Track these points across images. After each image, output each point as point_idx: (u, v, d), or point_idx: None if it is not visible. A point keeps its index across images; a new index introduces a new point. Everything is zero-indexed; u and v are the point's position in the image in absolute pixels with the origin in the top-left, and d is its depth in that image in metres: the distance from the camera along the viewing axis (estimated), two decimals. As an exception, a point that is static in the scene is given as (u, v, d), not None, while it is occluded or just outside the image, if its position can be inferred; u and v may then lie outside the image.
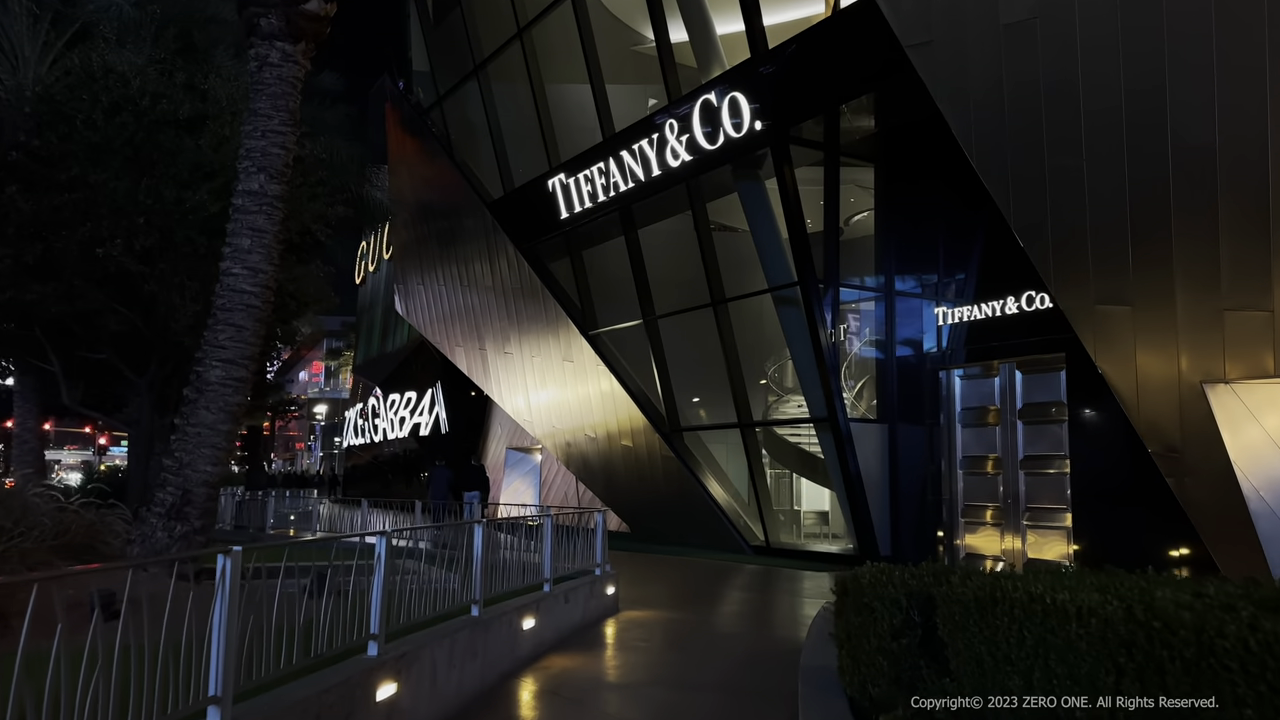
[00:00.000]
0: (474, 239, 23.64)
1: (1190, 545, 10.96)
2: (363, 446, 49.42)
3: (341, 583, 5.44)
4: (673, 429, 18.56)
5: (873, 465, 15.03)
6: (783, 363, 20.79)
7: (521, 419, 24.05)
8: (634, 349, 19.96)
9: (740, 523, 17.58)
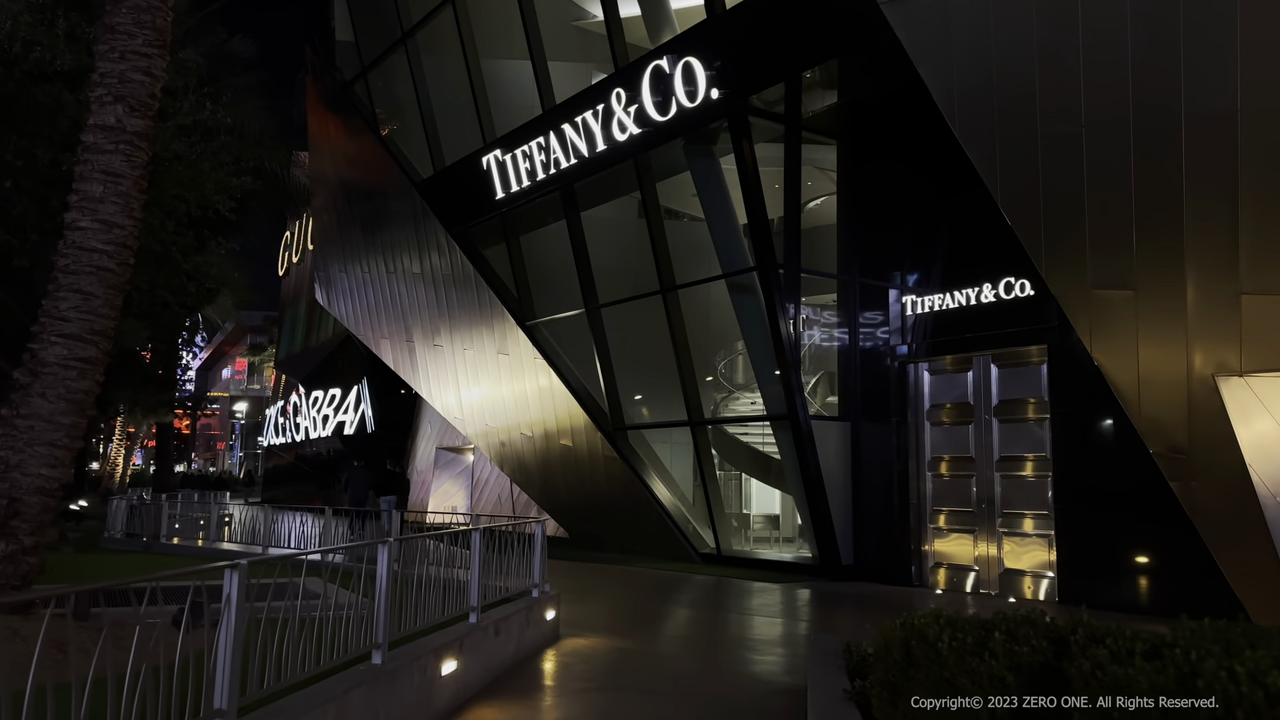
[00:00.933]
0: (401, 223, 21.91)
1: (1191, 553, 9.92)
2: (284, 446, 46.96)
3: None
4: (616, 427, 17.16)
5: (834, 466, 13.83)
6: (733, 357, 19.56)
7: (452, 417, 22.39)
8: (575, 341, 18.50)
9: (689, 529, 16.25)
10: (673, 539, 16.21)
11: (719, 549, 15.55)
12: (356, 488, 21.55)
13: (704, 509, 16.02)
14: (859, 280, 14.27)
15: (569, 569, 14.65)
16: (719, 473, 16.56)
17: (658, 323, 16.08)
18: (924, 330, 13.31)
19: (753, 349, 14.61)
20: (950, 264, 13.07)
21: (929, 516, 13.31)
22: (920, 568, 13.28)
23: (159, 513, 17.34)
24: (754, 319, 14.37)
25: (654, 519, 16.50)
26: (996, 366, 12.67)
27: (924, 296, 13.24)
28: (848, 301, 14.42)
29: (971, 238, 12.89)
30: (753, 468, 17.21)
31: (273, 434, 49.97)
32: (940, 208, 13.23)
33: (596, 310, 17.20)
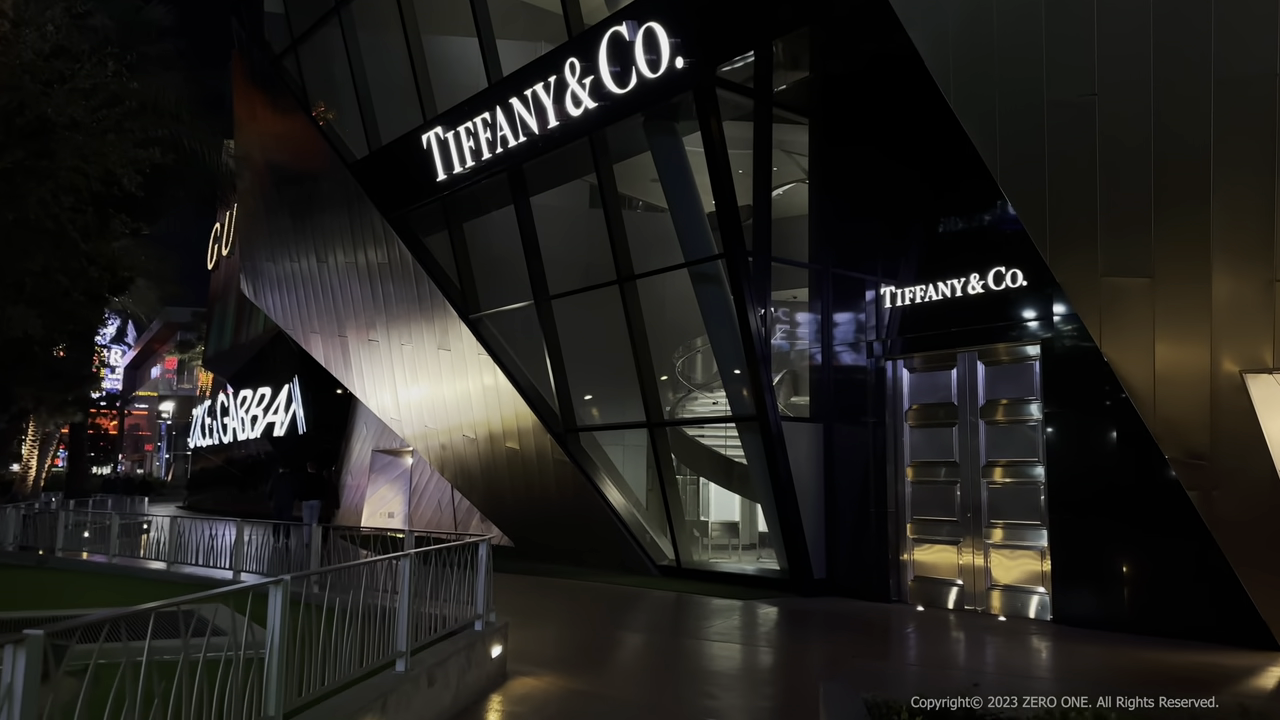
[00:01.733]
0: (333, 208, 20.33)
1: (1205, 569, 9.00)
2: (211, 448, 44.68)
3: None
4: (567, 429, 15.87)
5: (806, 472, 12.73)
6: (691, 355, 18.43)
7: (388, 418, 20.87)
8: (523, 336, 17.18)
9: (646, 539, 15.03)
10: (628, 550, 14.98)
11: (678, 561, 14.36)
12: (281, 495, 20.47)
13: (662, 517, 14.84)
14: (833, 271, 13.20)
15: (516, 584, 13.34)
16: (678, 478, 15.38)
17: (613, 317, 14.87)
18: (904, 325, 12.28)
19: (718, 344, 13.45)
20: (933, 253, 12.06)
21: (908, 526, 12.28)
22: (899, 581, 12.25)
23: (54, 522, 15.54)
24: (720, 312, 13.21)
25: (608, 528, 15.25)
26: (983, 364, 11.68)
27: (904, 288, 12.21)
28: (820, 294, 13.34)
29: (957, 224, 11.90)
30: (715, 473, 16.08)
31: (200, 435, 47.57)
32: (922, 192, 12.22)
33: (546, 302, 15.90)
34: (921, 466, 12.25)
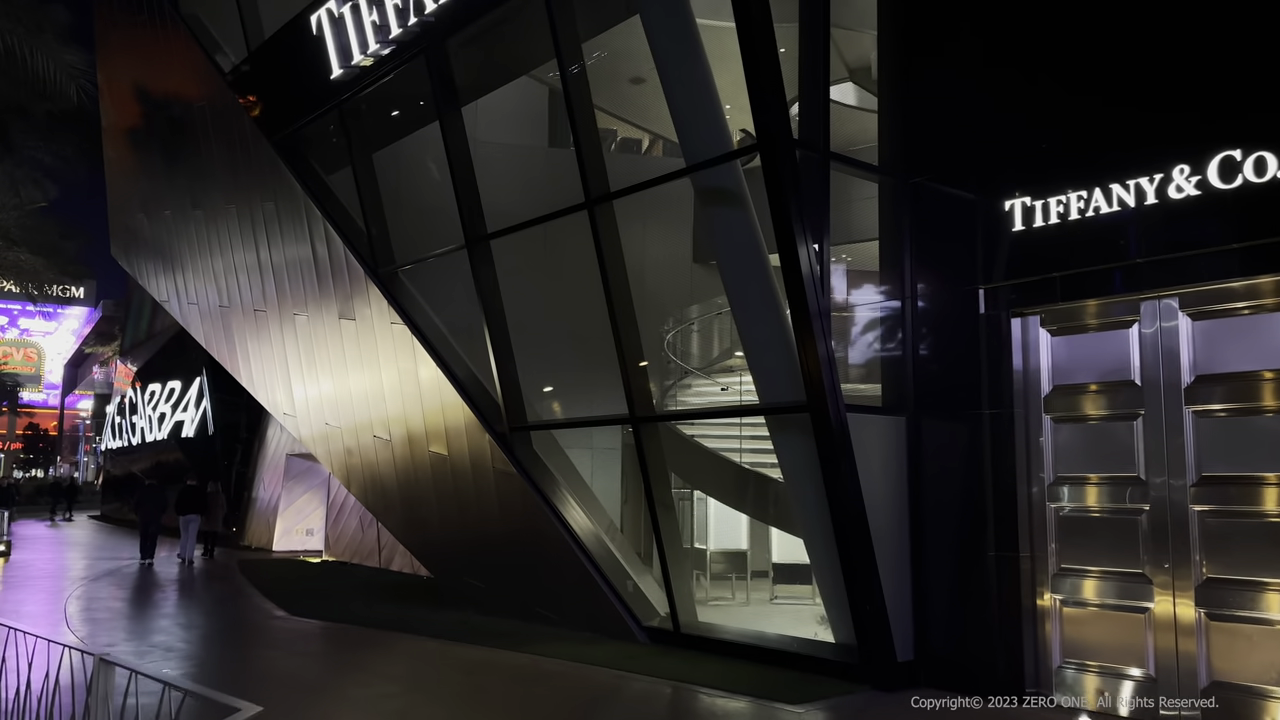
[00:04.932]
0: (209, 136, 15.40)
1: None
2: (121, 450, 39.29)
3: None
4: (513, 426, 11.13)
5: (880, 491, 8.10)
6: (686, 327, 13.79)
7: (280, 413, 15.97)
8: (452, 298, 12.44)
9: (626, 586, 10.29)
10: (600, 603, 10.25)
11: (676, 622, 9.62)
12: (147, 509, 19.11)
13: (653, 556, 10.15)
14: (918, 183, 8.55)
15: (422, 656, 8.64)
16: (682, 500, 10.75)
17: (579, 262, 10.21)
18: (1039, 259, 7.68)
19: (742, 297, 8.73)
20: (1095, 134, 7.45)
21: (1052, 578, 7.68)
22: (1037, 666, 7.63)
23: None
24: (745, 245, 8.52)
25: (570, 569, 10.52)
26: (1191, 317, 7.09)
27: (1042, 199, 7.60)
28: (896, 220, 8.69)
29: (1142, 81, 7.30)
30: (728, 491, 11.40)
31: (110, 436, 42.11)
32: (1069, 40, 7.64)
33: (483, 246, 11.14)
34: (1075, 484, 7.64)
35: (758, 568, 13.69)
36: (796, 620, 11.92)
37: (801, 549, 13.61)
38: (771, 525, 11.72)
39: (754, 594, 13.18)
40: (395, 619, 11.72)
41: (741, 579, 13.38)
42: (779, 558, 13.50)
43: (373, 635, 10.76)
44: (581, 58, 9.99)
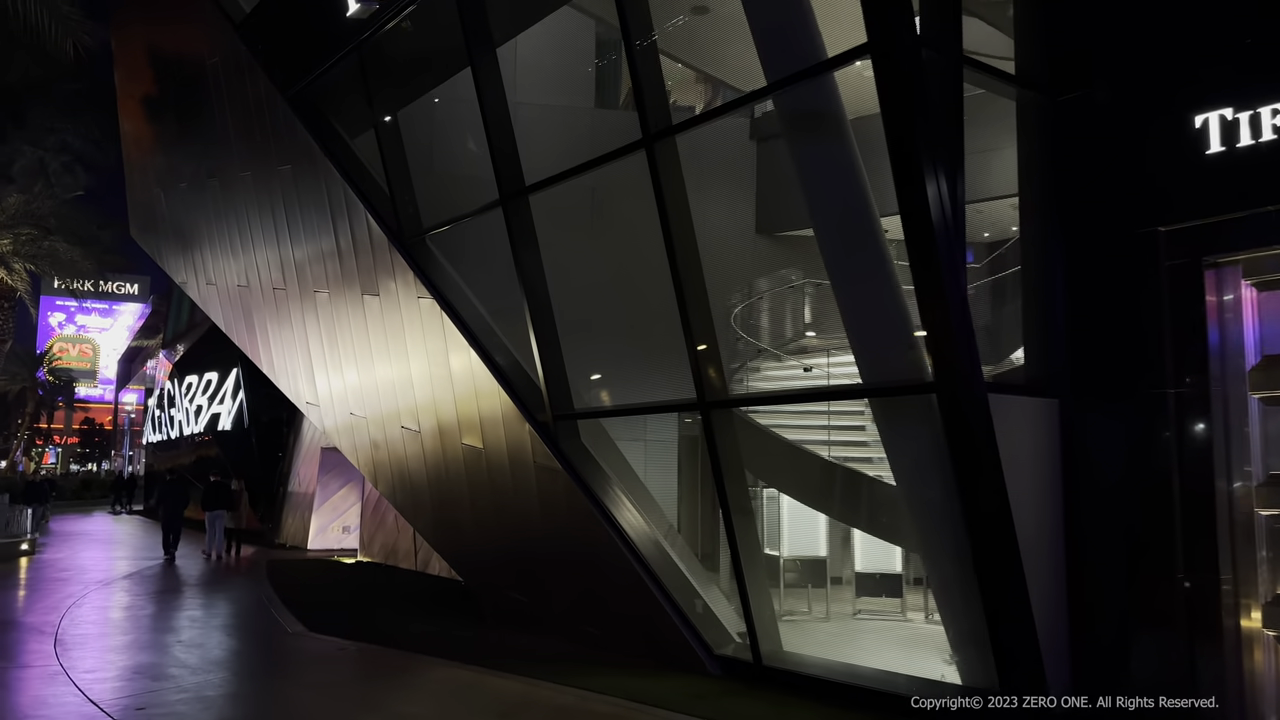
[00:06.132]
0: (220, 97, 13.97)
1: None
2: (161, 444, 38.59)
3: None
4: (558, 414, 9.48)
5: (1026, 493, 6.29)
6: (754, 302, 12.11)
7: (303, 402, 14.51)
8: (486, 268, 10.84)
9: (694, 608, 8.58)
10: (662, 625, 8.55)
11: (756, 651, 7.88)
12: (168, 505, 19.02)
13: (724, 570, 8.45)
14: (1075, 97, 6.69)
15: (452, 690, 7.07)
16: (767, 503, 9.07)
17: (629, 234, 8.58)
18: (1242, 190, 5.80)
19: (840, 249, 6.94)
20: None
21: (1268, 608, 5.82)
22: (1246, 713, 5.79)
23: None
24: (846, 185, 6.74)
25: (625, 583, 8.84)
26: None
27: (1249, 111, 5.73)
28: (1043, 143, 6.84)
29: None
30: (814, 491, 9.63)
31: (151, 430, 41.51)
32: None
33: (520, 202, 9.48)
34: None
35: (837, 576, 12.02)
36: (890, 641, 10.19)
37: (889, 557, 11.92)
38: (868, 532, 9.94)
39: (833, 606, 11.48)
40: (426, 638, 10.18)
41: (820, 589, 11.68)
42: (862, 566, 11.77)
43: (398, 660, 9.22)
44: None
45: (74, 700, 7.31)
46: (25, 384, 62.92)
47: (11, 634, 10.36)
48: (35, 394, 63.81)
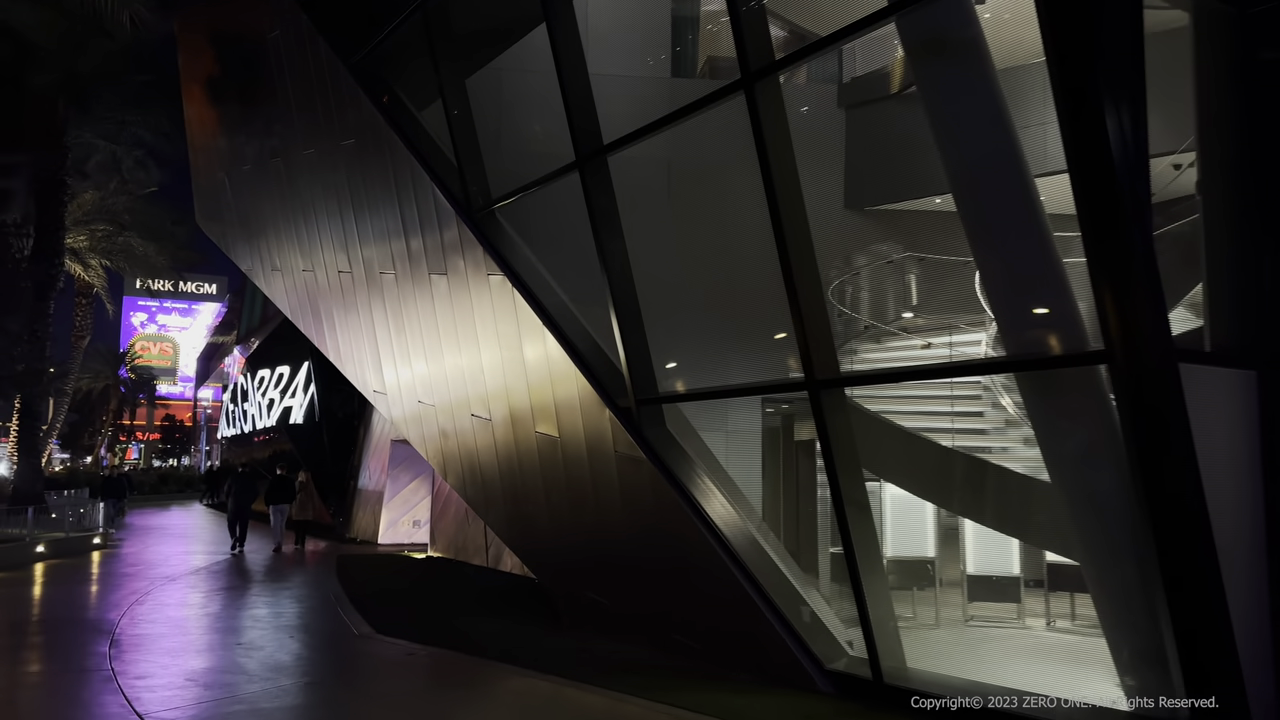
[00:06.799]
0: (282, 70, 13.40)
1: None
2: (236, 438, 38.88)
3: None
4: (641, 399, 8.58)
5: (1224, 478, 5.17)
6: (846, 278, 11.12)
7: (370, 391, 13.88)
8: (561, 242, 10.01)
9: (801, 616, 7.59)
10: (763, 635, 7.58)
11: (876, 667, 6.86)
12: (237, 498, 19.05)
13: (825, 571, 7.44)
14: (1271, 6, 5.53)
15: (529, 704, 6.21)
16: (890, 499, 8.07)
17: (713, 205, 7.64)
18: None
19: (979, 195, 5.89)
20: None
21: None
22: None
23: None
24: (984, 120, 5.69)
25: (720, 587, 7.90)
26: None
27: None
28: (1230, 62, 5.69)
29: None
30: (934, 484, 8.57)
31: (226, 424, 41.92)
32: None
33: (598, 164, 8.59)
34: None
35: (945, 578, 10.94)
36: (1016, 652, 9.11)
37: (1004, 557, 10.75)
38: (997, 529, 8.83)
39: (942, 611, 10.41)
40: (500, 642, 9.40)
41: (926, 592, 10.61)
42: (974, 567, 10.67)
43: (470, 667, 8.44)
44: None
45: (119, 711, 6.66)
46: (108, 381, 64.60)
47: (69, 632, 9.87)
48: (118, 391, 65.47)
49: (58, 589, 13.58)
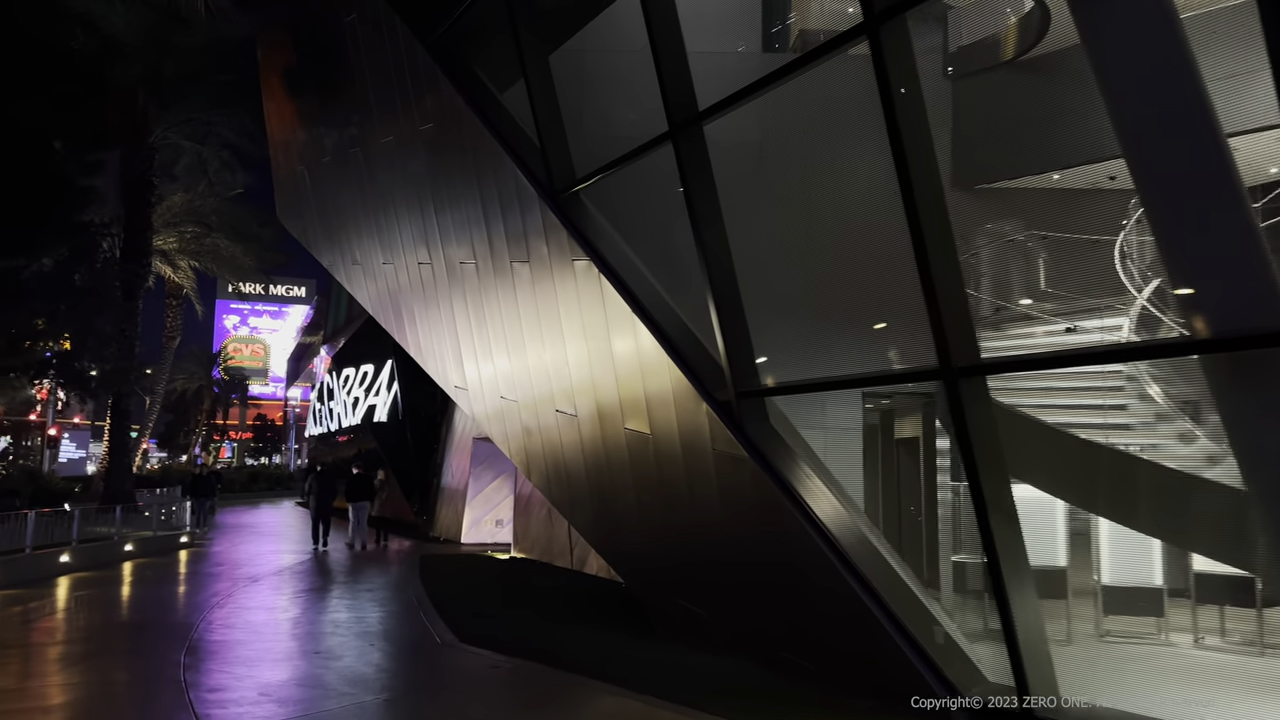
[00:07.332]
0: (359, 55, 12.98)
1: None
2: (322, 437, 39.23)
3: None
4: (742, 391, 7.78)
5: None
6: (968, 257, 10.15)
7: (451, 386, 13.36)
8: (652, 226, 9.29)
9: (933, 638, 6.70)
10: (888, 657, 6.71)
11: (1024, 699, 5.92)
12: (319, 496, 19.45)
13: (947, 585, 6.54)
14: None
15: None
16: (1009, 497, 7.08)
17: (813, 184, 6.81)
18: None
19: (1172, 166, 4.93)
20: None
21: None
22: None
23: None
24: (1168, 76, 4.74)
25: (834, 601, 7.06)
26: None
27: None
28: None
29: None
30: (1085, 486, 7.59)
31: (312, 423, 42.40)
32: None
33: (693, 133, 7.83)
34: None
35: (1076, 587, 9.90)
36: (1164, 673, 8.07)
37: (1145, 566, 9.66)
38: (1154, 535, 7.80)
39: (1074, 625, 9.40)
40: (589, 653, 8.74)
41: (1057, 604, 9.58)
42: (1111, 578, 9.63)
43: (559, 683, 7.78)
44: None
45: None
46: (202, 382, 66.40)
47: (145, 637, 9.54)
48: (211, 392, 67.24)
49: (141, 589, 13.43)
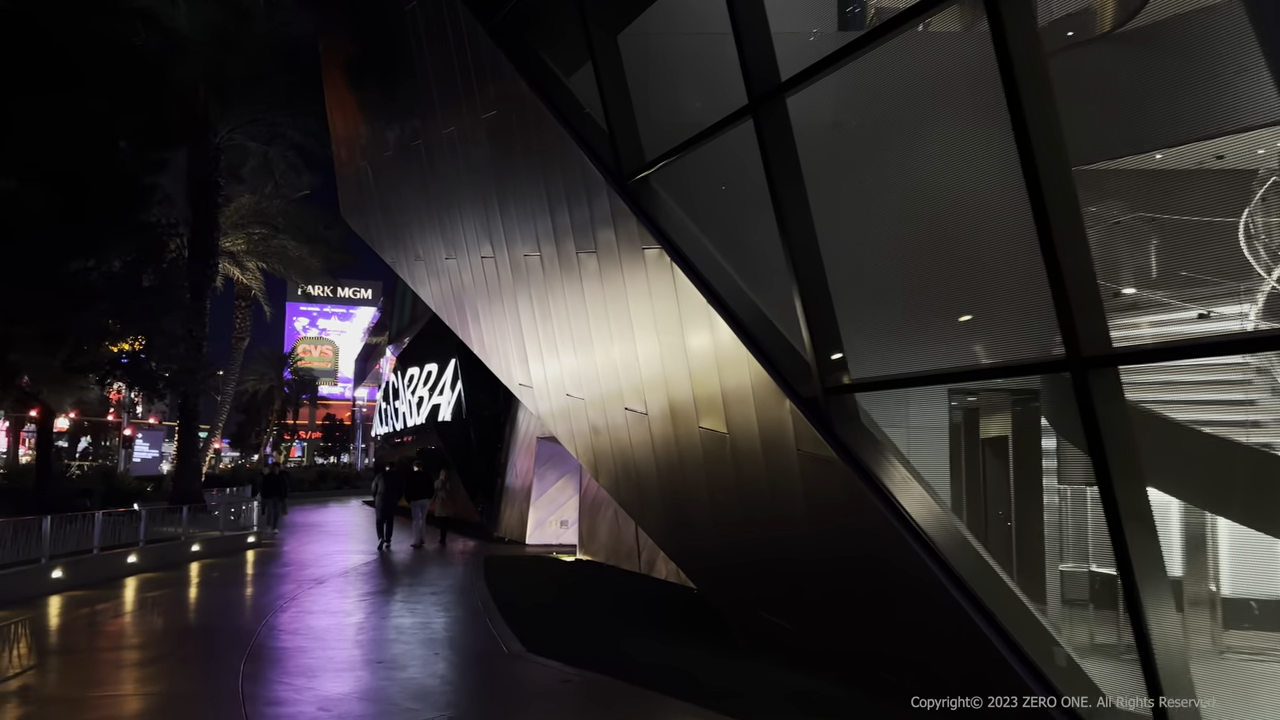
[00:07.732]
0: (421, 44, 12.62)
1: None
2: (387, 436, 39.40)
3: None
4: (830, 387, 7.15)
5: None
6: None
7: (515, 384, 12.92)
8: (727, 206, 8.71)
9: (1054, 660, 5.99)
10: (995, 674, 6.01)
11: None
12: (386, 495, 19.46)
13: (1055, 597, 5.83)
14: None
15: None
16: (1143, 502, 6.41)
17: (906, 165, 6.23)
18: None
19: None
20: None
21: None
22: None
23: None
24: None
25: (939, 616, 6.39)
26: None
27: None
28: None
29: None
30: (1230, 494, 6.83)
31: (378, 422, 42.67)
32: None
33: (775, 105, 7.22)
34: None
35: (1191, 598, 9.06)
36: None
37: (1270, 576, 8.81)
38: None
39: (1190, 639, 8.56)
40: (664, 666, 8.20)
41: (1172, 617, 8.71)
42: (1232, 589, 8.80)
43: (633, 699, 7.26)
44: None
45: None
46: (273, 383, 67.56)
47: (205, 643, 9.27)
48: (281, 392, 68.39)
49: (206, 591, 13.28)
